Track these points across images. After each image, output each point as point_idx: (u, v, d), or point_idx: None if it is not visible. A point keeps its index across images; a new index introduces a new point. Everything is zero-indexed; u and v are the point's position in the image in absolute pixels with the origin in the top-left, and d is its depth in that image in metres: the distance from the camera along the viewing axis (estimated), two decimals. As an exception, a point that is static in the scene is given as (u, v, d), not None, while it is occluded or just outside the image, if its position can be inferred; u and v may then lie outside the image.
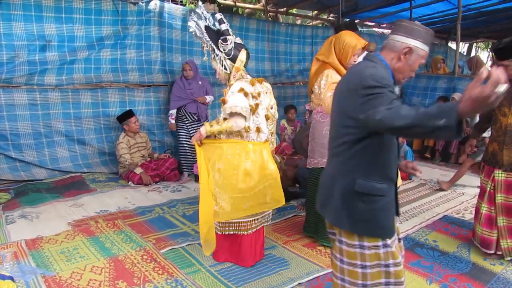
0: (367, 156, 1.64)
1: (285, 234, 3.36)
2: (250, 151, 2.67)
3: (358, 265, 1.70)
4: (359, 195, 1.65)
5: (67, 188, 4.46)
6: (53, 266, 2.74)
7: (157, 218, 3.66)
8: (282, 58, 7.13)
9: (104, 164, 5.20)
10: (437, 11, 7.72)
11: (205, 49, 2.76)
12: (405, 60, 1.66)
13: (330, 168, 1.79)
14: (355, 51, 2.72)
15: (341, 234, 1.74)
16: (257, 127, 2.72)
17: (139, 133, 5.08)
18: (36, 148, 4.75)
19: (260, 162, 2.70)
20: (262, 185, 2.70)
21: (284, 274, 2.71)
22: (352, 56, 2.75)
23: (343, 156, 1.68)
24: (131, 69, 5.29)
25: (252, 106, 2.65)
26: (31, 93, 4.61)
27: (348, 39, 2.75)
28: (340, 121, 1.69)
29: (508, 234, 2.82)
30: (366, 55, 1.81)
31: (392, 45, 1.68)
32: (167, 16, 5.44)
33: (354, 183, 1.65)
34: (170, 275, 2.66)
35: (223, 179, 2.66)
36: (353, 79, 1.61)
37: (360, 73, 1.60)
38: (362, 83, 1.54)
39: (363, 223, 1.67)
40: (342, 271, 1.75)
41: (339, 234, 1.76)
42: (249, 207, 2.68)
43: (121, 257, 2.89)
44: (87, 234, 3.26)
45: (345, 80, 1.71)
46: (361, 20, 8.70)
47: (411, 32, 1.65)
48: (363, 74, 1.57)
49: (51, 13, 4.58)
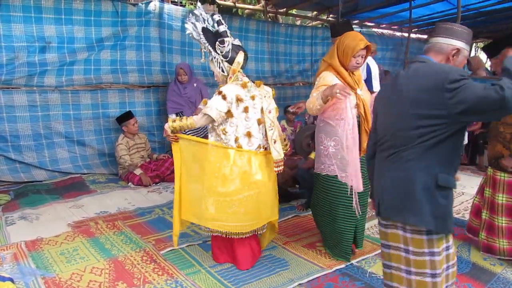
0: (447, 151, 1.67)
1: (285, 235, 3.35)
2: (233, 156, 2.63)
3: (426, 253, 1.73)
4: (441, 189, 1.67)
5: (67, 189, 4.46)
6: (53, 267, 2.74)
7: (157, 219, 3.66)
8: (281, 59, 7.13)
9: (104, 165, 5.20)
10: (437, 11, 7.71)
11: (203, 50, 2.75)
12: (453, 61, 1.72)
13: (398, 170, 1.75)
14: (354, 53, 2.62)
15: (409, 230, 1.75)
16: (248, 132, 2.65)
17: (138, 134, 5.08)
18: (36, 150, 4.75)
19: (245, 169, 2.64)
20: (247, 193, 2.64)
21: (284, 274, 2.70)
22: (352, 58, 2.65)
23: (417, 155, 1.68)
24: (130, 70, 5.29)
25: (230, 110, 2.60)
26: (31, 95, 4.62)
27: (348, 41, 2.67)
28: (410, 124, 1.68)
29: (506, 235, 2.83)
30: (415, 58, 1.81)
31: (439, 48, 1.74)
32: (167, 17, 5.44)
33: (435, 178, 1.66)
34: (170, 276, 2.66)
35: (207, 181, 2.66)
36: (428, 80, 1.62)
37: (436, 72, 1.63)
38: (449, 78, 1.56)
39: (441, 219, 1.69)
40: (407, 263, 1.77)
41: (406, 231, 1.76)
42: (234, 212, 2.64)
43: (121, 258, 2.89)
44: (87, 235, 3.25)
45: (406, 84, 1.71)
46: (361, 21, 8.70)
47: (456, 34, 1.71)
48: (442, 70, 1.61)
49: (50, 14, 4.58)
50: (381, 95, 1.94)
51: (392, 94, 1.78)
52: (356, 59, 2.67)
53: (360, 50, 2.65)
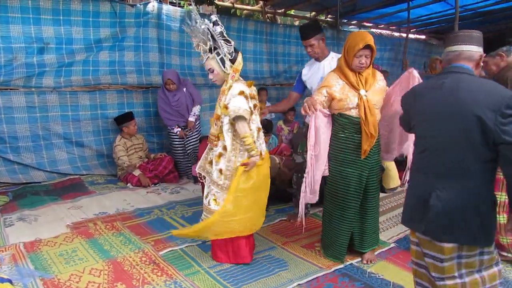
0: (495, 168, 1.71)
1: (284, 235, 3.35)
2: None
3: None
4: (494, 206, 1.73)
5: (66, 190, 4.45)
6: (52, 268, 2.73)
7: (156, 220, 3.66)
8: (280, 59, 7.13)
9: (103, 166, 5.19)
10: (435, 12, 7.74)
11: (201, 49, 2.70)
12: (480, 67, 1.80)
13: (455, 190, 1.72)
14: (355, 52, 2.56)
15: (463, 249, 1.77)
16: (258, 128, 2.78)
17: (135, 135, 5.08)
18: (34, 151, 4.75)
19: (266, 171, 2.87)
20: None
21: (283, 275, 2.70)
22: (355, 58, 2.58)
23: (475, 173, 1.69)
24: (129, 71, 5.28)
25: (250, 107, 2.68)
26: (29, 96, 4.61)
27: (350, 40, 2.63)
28: (472, 140, 1.66)
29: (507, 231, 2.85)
30: (456, 68, 1.80)
31: (470, 55, 1.78)
32: (165, 18, 5.44)
33: (491, 196, 1.72)
34: (169, 277, 2.65)
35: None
36: (487, 99, 1.63)
37: (494, 92, 1.64)
38: (508, 104, 1.58)
39: (490, 233, 1.74)
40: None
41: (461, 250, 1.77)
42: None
43: (120, 259, 2.89)
44: (85, 237, 3.25)
45: (469, 98, 1.68)
46: (359, 21, 8.73)
47: (478, 40, 1.79)
48: (503, 94, 1.62)
49: (49, 15, 4.58)
50: (425, 99, 1.86)
51: (445, 103, 1.75)
52: (359, 59, 2.58)
53: (361, 50, 2.55)
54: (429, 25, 9.08)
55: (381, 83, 2.76)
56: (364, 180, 2.76)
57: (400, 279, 2.65)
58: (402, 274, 2.73)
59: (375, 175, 2.83)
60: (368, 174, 2.76)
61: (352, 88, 2.64)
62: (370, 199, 2.84)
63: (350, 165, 2.73)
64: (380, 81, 2.76)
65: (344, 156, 2.73)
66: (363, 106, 2.62)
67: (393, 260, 2.93)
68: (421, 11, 7.73)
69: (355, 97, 2.63)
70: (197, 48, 2.73)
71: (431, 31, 9.82)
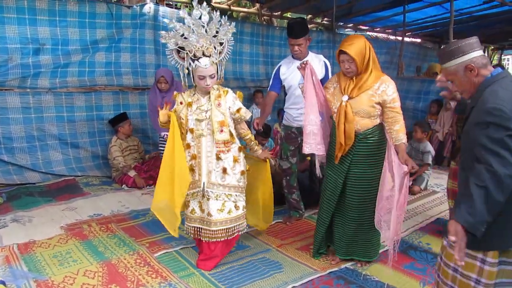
0: None
1: (279, 238, 3.36)
2: None
3: None
4: None
5: (60, 191, 4.43)
6: (46, 270, 2.72)
7: (151, 222, 3.64)
8: (276, 62, 7.09)
9: (98, 167, 5.17)
10: (430, 15, 7.79)
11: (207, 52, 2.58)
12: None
13: None
14: (337, 57, 2.55)
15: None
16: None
17: (130, 137, 5.07)
18: (29, 152, 4.72)
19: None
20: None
21: (278, 277, 2.71)
22: (341, 63, 2.55)
23: None
24: (125, 72, 5.28)
25: None
26: (25, 97, 4.59)
27: None
28: None
29: None
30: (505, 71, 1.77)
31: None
32: (162, 19, 5.44)
33: None
34: (164, 279, 2.65)
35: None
36: None
37: None
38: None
39: None
40: None
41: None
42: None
43: (114, 261, 2.88)
44: (80, 238, 3.23)
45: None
46: (355, 24, 8.77)
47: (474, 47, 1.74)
48: None
49: (45, 16, 4.56)
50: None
51: None
52: (343, 64, 2.54)
53: (341, 55, 2.50)
54: (424, 28, 9.15)
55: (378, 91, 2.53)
56: (340, 187, 2.71)
57: (395, 282, 2.66)
58: (397, 276, 2.74)
59: (356, 188, 2.69)
60: (344, 181, 2.70)
61: (340, 92, 2.65)
62: (349, 209, 2.75)
63: (330, 168, 2.81)
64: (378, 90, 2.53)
65: (329, 158, 2.82)
66: (338, 113, 2.60)
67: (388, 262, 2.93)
68: (416, 15, 7.79)
69: (338, 102, 2.64)
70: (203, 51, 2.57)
71: (427, 34, 9.90)
